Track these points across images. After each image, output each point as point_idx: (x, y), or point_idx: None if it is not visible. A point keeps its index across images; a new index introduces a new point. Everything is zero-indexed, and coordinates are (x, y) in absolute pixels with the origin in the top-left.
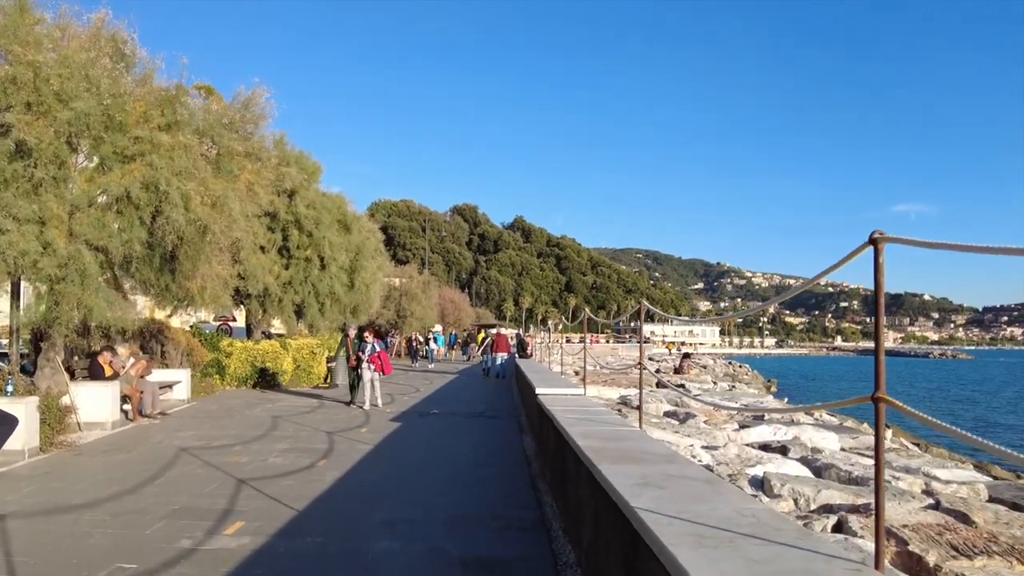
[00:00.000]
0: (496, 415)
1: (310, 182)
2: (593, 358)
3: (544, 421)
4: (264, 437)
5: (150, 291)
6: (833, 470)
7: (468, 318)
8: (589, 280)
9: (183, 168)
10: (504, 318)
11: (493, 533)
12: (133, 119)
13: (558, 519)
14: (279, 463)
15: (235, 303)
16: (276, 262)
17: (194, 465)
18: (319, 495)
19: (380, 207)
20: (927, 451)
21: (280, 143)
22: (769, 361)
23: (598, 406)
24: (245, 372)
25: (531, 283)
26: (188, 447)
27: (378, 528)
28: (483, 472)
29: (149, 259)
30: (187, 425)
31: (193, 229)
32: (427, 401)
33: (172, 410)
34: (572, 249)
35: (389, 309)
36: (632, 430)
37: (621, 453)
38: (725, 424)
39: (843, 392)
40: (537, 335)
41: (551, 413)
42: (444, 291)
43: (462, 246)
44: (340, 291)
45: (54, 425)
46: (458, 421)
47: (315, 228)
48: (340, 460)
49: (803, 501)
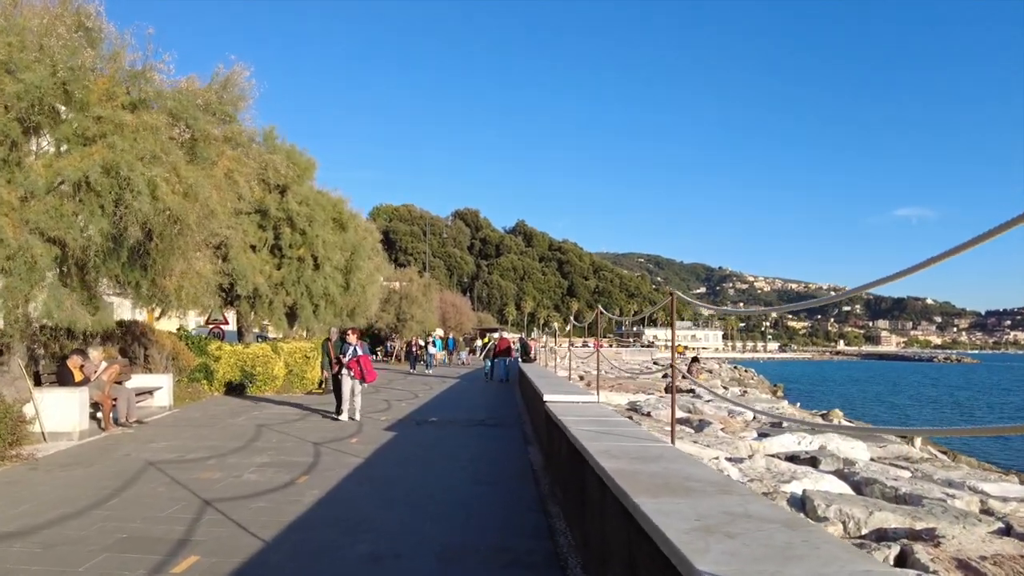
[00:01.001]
0: (498, 423)
1: (303, 178)
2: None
3: (554, 432)
4: (244, 449)
5: (125, 290)
6: (876, 486)
7: (469, 322)
8: (591, 284)
9: (149, 152)
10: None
11: (497, 571)
12: (95, 97)
13: (575, 553)
14: (254, 480)
15: (224, 304)
16: (268, 261)
17: (159, 482)
18: (294, 521)
19: (381, 211)
20: (955, 459)
21: (270, 136)
22: (772, 365)
23: (615, 416)
24: (234, 377)
25: (533, 287)
26: (158, 460)
27: (360, 566)
28: (485, 492)
29: (114, 253)
30: (163, 435)
31: (162, 220)
32: (425, 408)
33: (151, 418)
34: (574, 253)
35: (389, 313)
36: (664, 447)
37: (660, 479)
38: (743, 432)
39: (850, 395)
40: (540, 339)
41: (563, 425)
42: (445, 295)
43: (464, 250)
44: (335, 292)
45: (6, 436)
46: (457, 430)
47: (308, 226)
48: (324, 477)
49: (852, 525)
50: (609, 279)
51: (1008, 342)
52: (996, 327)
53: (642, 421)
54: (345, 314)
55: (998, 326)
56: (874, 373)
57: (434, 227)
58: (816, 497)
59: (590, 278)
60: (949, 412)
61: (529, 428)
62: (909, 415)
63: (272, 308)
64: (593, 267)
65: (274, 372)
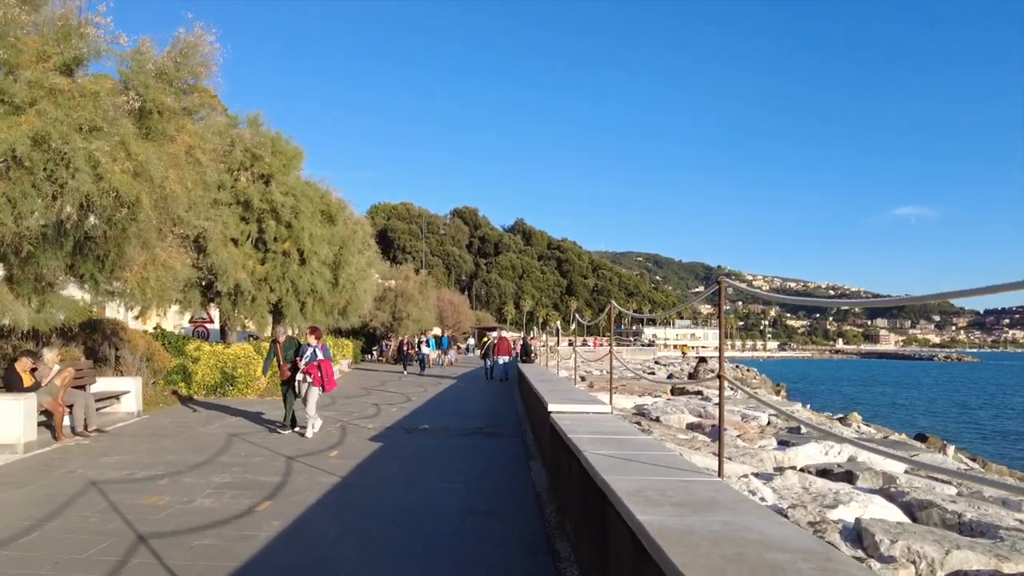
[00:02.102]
0: (497, 431)
1: (289, 168)
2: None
3: (561, 450)
4: (206, 465)
5: (83, 284)
6: (933, 511)
7: (468, 321)
8: (590, 283)
9: (88, 121)
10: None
11: None
12: (26, 58)
13: None
14: (207, 507)
15: (205, 302)
16: (251, 256)
17: (94, 509)
18: (242, 566)
19: (379, 210)
20: (986, 467)
21: (255, 122)
22: (772, 364)
23: (636, 432)
24: (214, 379)
25: (532, 286)
26: (103, 480)
27: None
28: (481, 525)
29: (57, 242)
30: (120, 447)
31: (110, 203)
32: (417, 413)
33: (114, 426)
34: (573, 252)
35: (384, 311)
36: (713, 483)
37: (727, 546)
38: (761, 440)
39: (857, 395)
40: (539, 338)
41: (575, 446)
42: (443, 293)
43: (462, 249)
44: (323, 288)
45: None
46: (451, 441)
47: (294, 218)
48: (289, 503)
49: (925, 566)
50: (608, 278)
51: (1006, 341)
52: (995, 326)
53: (652, 427)
54: (337, 312)
55: (996, 325)
56: (877, 372)
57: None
58: (875, 529)
59: (589, 277)
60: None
61: (531, 438)
62: (937, 420)
63: (255, 305)
64: (592, 266)
65: (257, 374)
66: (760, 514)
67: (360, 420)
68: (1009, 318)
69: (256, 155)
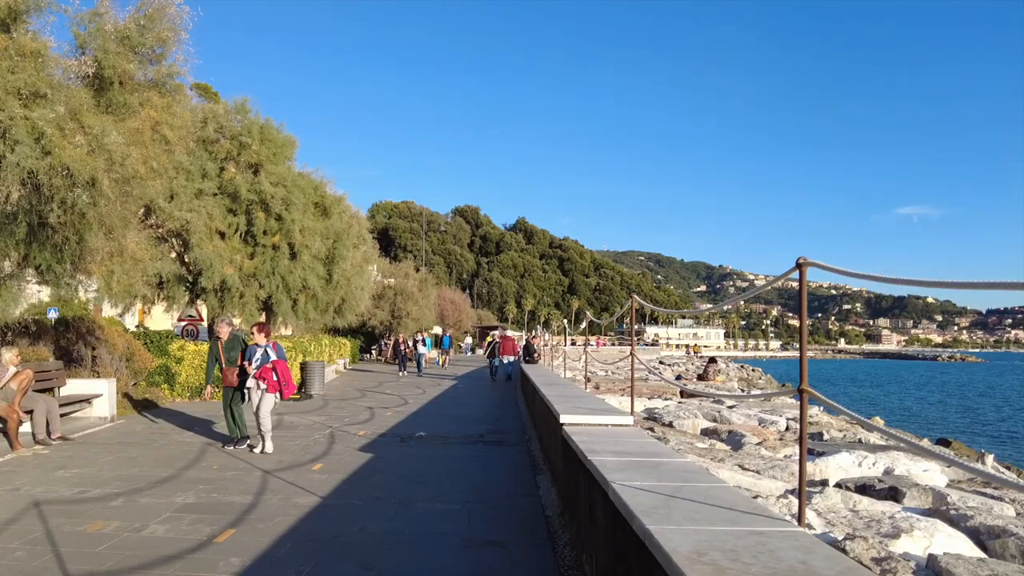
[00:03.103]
0: (500, 439)
1: (279, 157)
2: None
3: (577, 471)
4: (170, 481)
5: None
6: (1010, 541)
7: (469, 320)
8: (592, 282)
9: (30, 86)
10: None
11: None
12: None
13: None
14: (159, 536)
15: (191, 298)
16: (239, 250)
17: (25, 539)
18: None
19: (381, 208)
20: (1021, 477)
21: (243, 108)
22: (775, 364)
23: (672, 454)
24: (199, 381)
25: (533, 285)
26: (49, 499)
27: None
28: (482, 560)
29: (7, 228)
30: (81, 458)
31: (61, 183)
32: (414, 418)
33: (82, 433)
34: (575, 251)
35: (383, 309)
36: (795, 534)
37: None
38: (784, 448)
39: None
40: (540, 337)
41: (601, 476)
42: (444, 291)
43: (464, 248)
44: (315, 284)
45: None
46: (449, 450)
47: (284, 210)
48: (257, 530)
49: None
50: (610, 277)
51: (1009, 341)
52: (997, 326)
53: (666, 434)
54: (332, 309)
55: (999, 325)
56: (883, 372)
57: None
58: (959, 568)
59: (591, 276)
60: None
61: (537, 447)
62: (957, 423)
63: (243, 302)
64: (594, 264)
65: None
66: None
67: (351, 426)
68: (1011, 318)
69: (243, 143)
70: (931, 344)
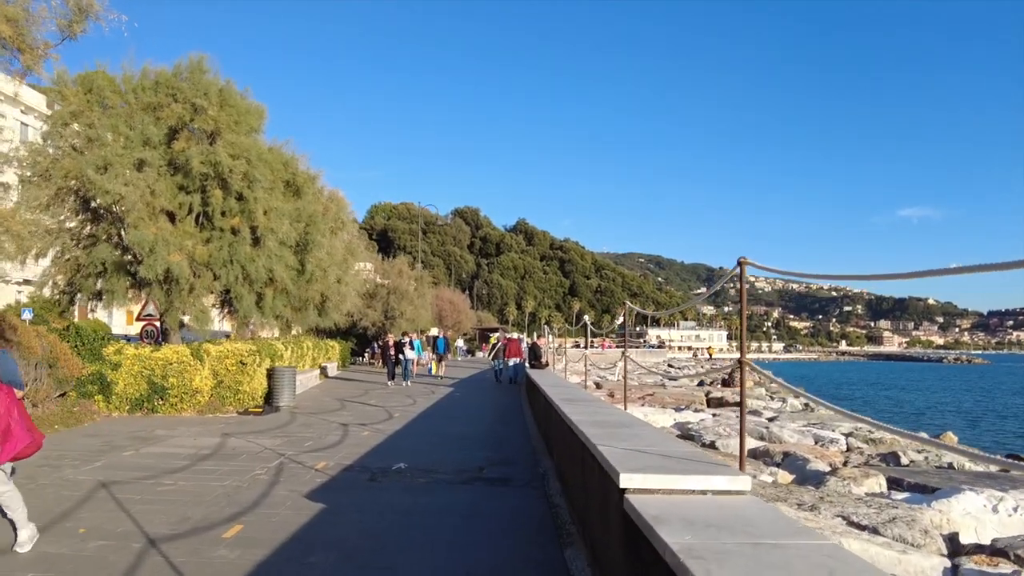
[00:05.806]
0: (505, 475)
1: (242, 126)
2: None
3: None
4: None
5: None
6: None
7: (469, 321)
8: (593, 284)
9: None
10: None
11: None
12: None
13: None
14: None
15: (135, 290)
16: (192, 235)
17: None
18: None
19: (380, 209)
20: None
21: (198, 68)
22: (780, 366)
23: None
24: (139, 391)
25: (534, 286)
26: None
27: None
28: None
29: None
30: None
31: None
32: (396, 439)
33: None
34: (576, 252)
35: (375, 309)
36: None
37: None
38: (867, 480)
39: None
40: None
41: None
42: (442, 291)
43: (464, 249)
44: (284, 276)
45: None
46: (434, 499)
47: (247, 187)
48: None
49: None
50: (611, 278)
51: (1011, 342)
52: (999, 327)
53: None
54: (313, 307)
55: (1000, 326)
56: (891, 375)
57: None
58: None
59: (592, 277)
60: None
61: (557, 487)
62: (1005, 429)
63: (194, 296)
64: (595, 266)
65: (194, 384)
66: None
67: (311, 454)
68: (1013, 319)
69: (197, 106)
70: (932, 346)
